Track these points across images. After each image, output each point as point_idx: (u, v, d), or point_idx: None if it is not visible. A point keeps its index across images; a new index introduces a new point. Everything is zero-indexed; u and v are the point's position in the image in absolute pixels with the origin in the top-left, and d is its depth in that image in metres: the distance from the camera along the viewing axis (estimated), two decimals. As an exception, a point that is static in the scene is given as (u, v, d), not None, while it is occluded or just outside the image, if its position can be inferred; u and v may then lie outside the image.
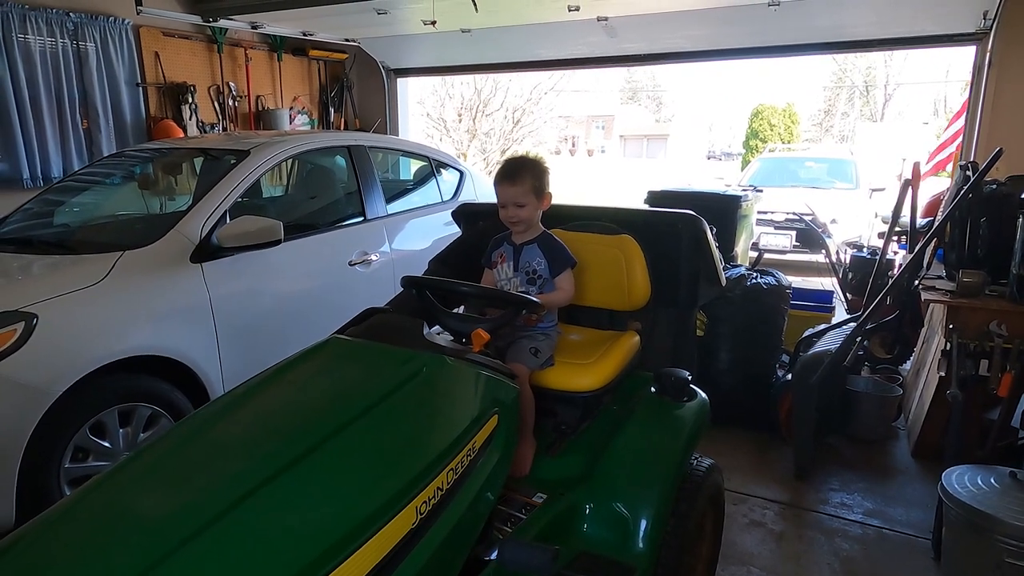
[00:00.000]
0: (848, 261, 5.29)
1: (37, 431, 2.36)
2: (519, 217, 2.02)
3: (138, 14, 5.67)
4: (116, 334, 2.59)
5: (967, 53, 5.96)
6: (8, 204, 3.76)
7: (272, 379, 1.48)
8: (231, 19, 6.21)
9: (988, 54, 5.20)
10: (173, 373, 2.78)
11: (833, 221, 7.95)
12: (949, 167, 6.70)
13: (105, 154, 5.29)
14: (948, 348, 2.95)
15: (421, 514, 1.21)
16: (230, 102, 6.73)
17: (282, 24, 6.66)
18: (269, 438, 1.27)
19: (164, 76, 6.12)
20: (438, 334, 1.78)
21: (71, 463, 2.50)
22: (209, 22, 6.15)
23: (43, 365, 2.37)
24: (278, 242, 3.01)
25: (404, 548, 1.17)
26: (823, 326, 3.99)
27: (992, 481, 2.26)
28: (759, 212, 7.31)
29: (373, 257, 3.70)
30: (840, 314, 4.81)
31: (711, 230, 2.46)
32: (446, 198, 4.52)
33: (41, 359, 2.36)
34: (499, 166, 2.08)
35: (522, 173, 2.00)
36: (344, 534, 1.08)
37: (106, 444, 2.59)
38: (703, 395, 2.17)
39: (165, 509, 1.13)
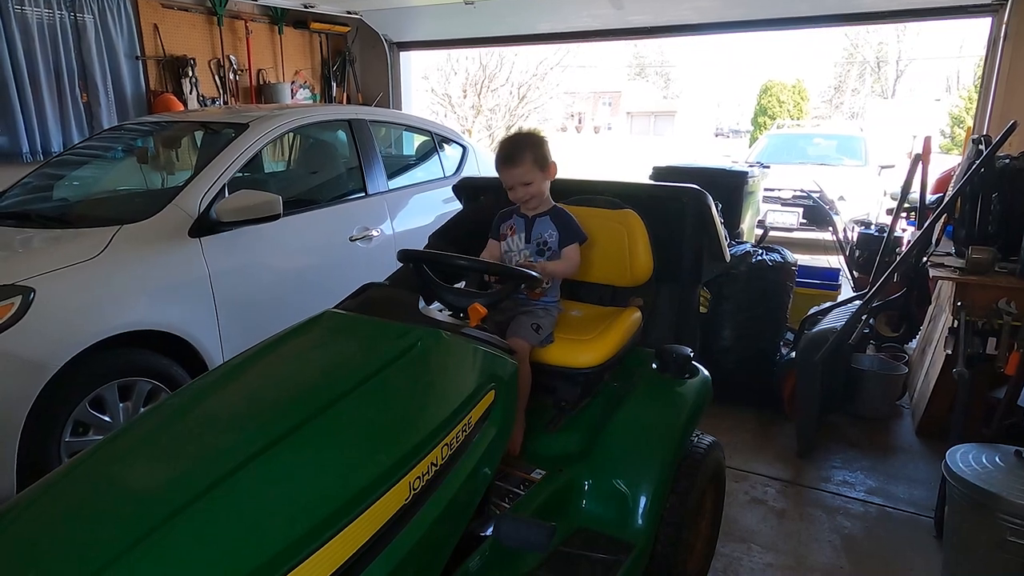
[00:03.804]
0: (855, 238, 5.22)
1: (36, 405, 2.35)
2: (529, 194, 2.00)
3: (136, -15, 5.59)
4: (114, 308, 2.57)
5: (981, 27, 5.82)
6: (8, 178, 3.73)
7: (265, 352, 1.46)
8: (230, -10, 6.12)
9: (1004, 25, 5.08)
10: (173, 347, 2.77)
11: (841, 198, 7.85)
12: None
13: (105, 128, 5.24)
14: (955, 326, 2.91)
15: (415, 489, 1.20)
16: (231, 76, 6.65)
17: (282, -5, 6.56)
18: (261, 411, 1.26)
19: (164, 49, 6.05)
20: (439, 311, 1.75)
21: (71, 437, 2.50)
22: (208, -7, 6.07)
23: (41, 339, 2.36)
24: (277, 217, 2.98)
25: (398, 523, 1.16)
26: (828, 304, 3.95)
27: (997, 460, 2.23)
28: (766, 189, 7.24)
29: (374, 233, 3.66)
30: (846, 292, 4.76)
31: (716, 205, 2.42)
32: (448, 173, 4.46)
33: (39, 333, 2.35)
34: (496, 151, 2.04)
35: (521, 151, 1.97)
36: (335, 508, 1.06)
37: (106, 418, 2.58)
38: (705, 372, 2.15)
39: (156, 481, 1.12)
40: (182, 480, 1.08)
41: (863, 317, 3.36)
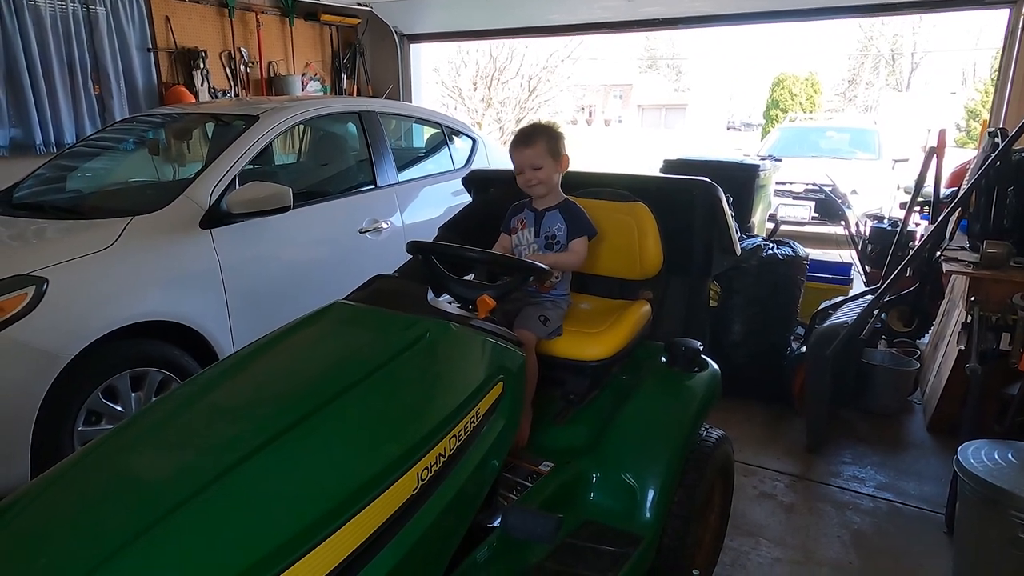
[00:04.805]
0: (868, 232, 5.18)
1: (50, 394, 2.38)
2: (537, 179, 1.99)
3: (148, -23, 5.60)
4: (126, 299, 2.59)
5: (999, 19, 5.73)
6: (21, 169, 3.76)
7: (273, 343, 1.47)
8: (241, -18, 6.12)
9: (1022, 17, 5.00)
10: (184, 338, 2.79)
11: (854, 192, 7.79)
12: None
13: (117, 120, 5.26)
14: (969, 321, 2.88)
15: (423, 480, 1.20)
16: (242, 68, 6.66)
17: (293, -13, 6.56)
18: (268, 402, 1.26)
19: (175, 41, 6.07)
20: (449, 303, 1.76)
21: (84, 426, 2.53)
22: (219, -15, 6.07)
23: (54, 329, 2.38)
24: (287, 208, 2.99)
25: (406, 513, 1.16)
26: (840, 298, 3.92)
27: (1009, 456, 2.21)
28: (778, 183, 7.18)
29: (384, 225, 3.67)
30: (858, 286, 4.72)
31: (727, 199, 2.40)
32: (458, 166, 4.46)
33: (52, 323, 2.37)
34: (513, 135, 2.06)
35: (535, 136, 1.99)
36: (343, 498, 1.07)
37: (119, 408, 2.61)
38: (714, 366, 2.14)
39: (164, 471, 1.12)
40: (190, 469, 1.09)
41: (875, 312, 3.34)
